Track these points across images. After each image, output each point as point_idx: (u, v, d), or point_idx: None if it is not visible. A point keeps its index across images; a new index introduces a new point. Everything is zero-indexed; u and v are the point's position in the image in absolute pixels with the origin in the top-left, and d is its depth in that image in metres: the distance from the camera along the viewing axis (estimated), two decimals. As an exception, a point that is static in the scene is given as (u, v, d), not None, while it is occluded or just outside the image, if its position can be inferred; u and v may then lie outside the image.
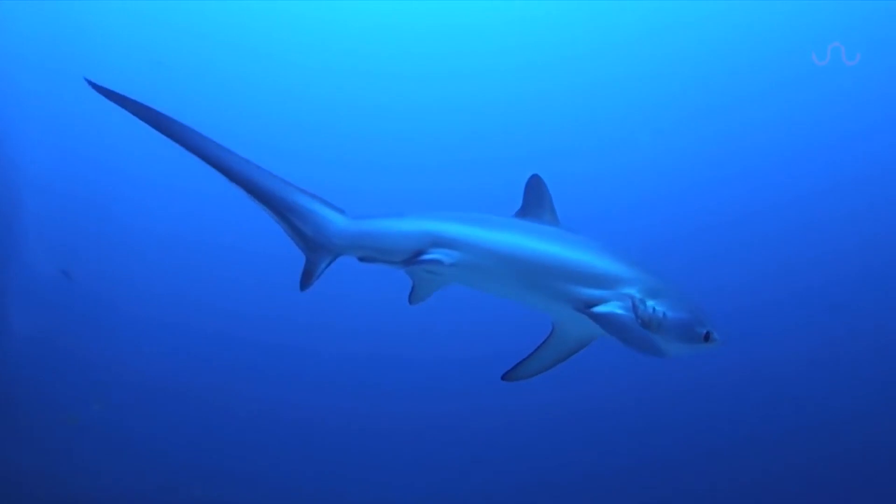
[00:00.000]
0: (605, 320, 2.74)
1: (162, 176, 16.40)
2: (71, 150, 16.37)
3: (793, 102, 15.68)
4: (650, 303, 2.83)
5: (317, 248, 2.93)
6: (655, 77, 15.85)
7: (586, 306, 2.81)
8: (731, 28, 15.24)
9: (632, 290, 2.85)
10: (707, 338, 2.87)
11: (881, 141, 15.24)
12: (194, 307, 15.20)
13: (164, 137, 2.74)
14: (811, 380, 12.46)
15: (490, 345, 11.99)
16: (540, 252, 2.94)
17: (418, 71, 16.30)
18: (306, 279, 2.94)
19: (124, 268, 15.54)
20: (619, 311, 2.78)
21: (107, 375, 12.44)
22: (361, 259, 2.98)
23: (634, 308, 2.81)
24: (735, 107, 15.97)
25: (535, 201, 3.21)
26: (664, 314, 2.82)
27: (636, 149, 16.05)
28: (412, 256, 2.89)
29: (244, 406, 12.92)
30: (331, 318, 14.61)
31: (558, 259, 2.93)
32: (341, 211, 3.02)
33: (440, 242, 2.92)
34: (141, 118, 2.72)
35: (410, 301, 3.12)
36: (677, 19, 15.15)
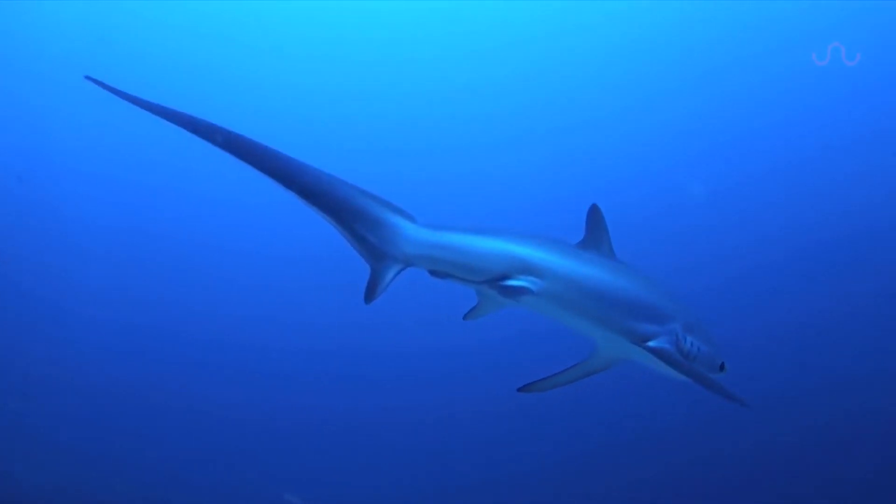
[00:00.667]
0: (661, 355, 3.02)
1: (100, 165, 15.88)
2: (4, 138, 15.85)
3: (790, 100, 15.69)
4: (689, 338, 3.16)
5: (383, 257, 2.74)
6: (653, 75, 15.81)
7: (641, 340, 3.04)
8: (730, 27, 15.16)
9: (675, 326, 3.14)
10: (722, 367, 3.23)
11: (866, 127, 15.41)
12: (130, 301, 14.69)
13: (197, 139, 2.52)
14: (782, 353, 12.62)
15: (462, 335, 12.21)
16: (614, 287, 3.09)
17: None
18: (371, 291, 2.71)
19: (58, 259, 15.08)
20: (669, 347, 3.06)
21: (28, 369, 12.29)
22: (433, 273, 2.86)
23: (677, 342, 3.10)
24: (732, 103, 15.97)
25: (595, 232, 3.29)
26: (698, 348, 3.17)
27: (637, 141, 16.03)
28: (495, 279, 2.83)
29: (175, 403, 12.71)
30: (274, 312, 14.50)
31: (627, 295, 3.11)
32: (411, 217, 2.85)
33: (528, 269, 2.88)
34: (160, 116, 2.50)
35: (467, 317, 3.12)
36: (677, 17, 15.12)
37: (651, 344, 3.02)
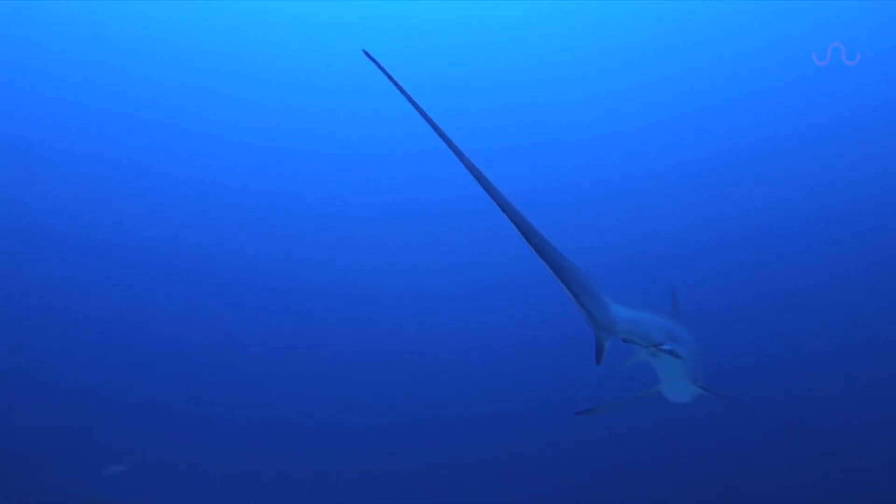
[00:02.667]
0: (707, 391, 4.27)
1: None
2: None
3: (790, 100, 15.79)
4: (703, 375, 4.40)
5: (604, 330, 3.33)
6: (652, 74, 15.97)
7: (693, 382, 4.22)
8: (730, 27, 15.31)
9: (703, 369, 4.37)
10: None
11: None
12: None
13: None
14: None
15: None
16: (696, 347, 4.22)
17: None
18: (599, 357, 3.31)
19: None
20: (704, 385, 4.32)
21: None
22: (624, 340, 3.56)
23: (703, 381, 4.34)
24: (733, 102, 16.13)
25: (675, 308, 4.86)
26: (704, 381, 4.36)
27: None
28: (657, 344, 3.78)
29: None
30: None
31: (698, 353, 4.25)
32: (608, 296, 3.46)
33: (673, 337, 3.90)
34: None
35: (623, 364, 3.94)
36: (677, 16, 15.28)
37: (700, 384, 4.29)
